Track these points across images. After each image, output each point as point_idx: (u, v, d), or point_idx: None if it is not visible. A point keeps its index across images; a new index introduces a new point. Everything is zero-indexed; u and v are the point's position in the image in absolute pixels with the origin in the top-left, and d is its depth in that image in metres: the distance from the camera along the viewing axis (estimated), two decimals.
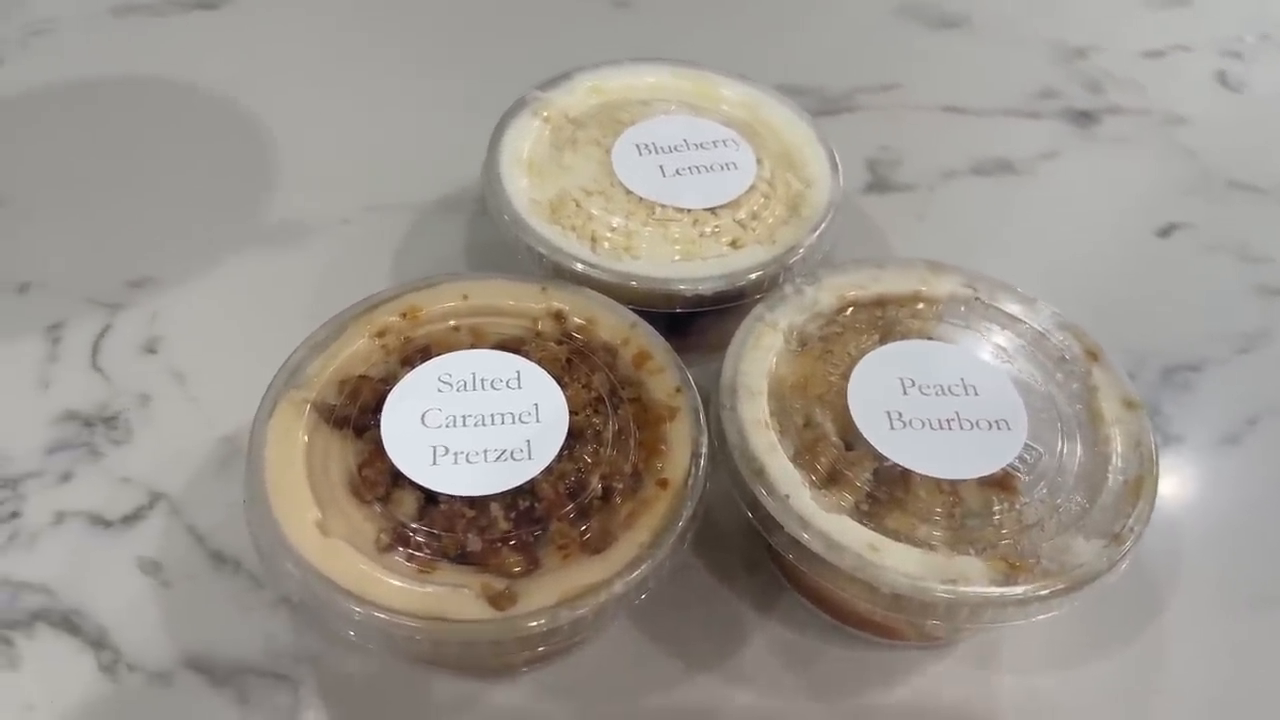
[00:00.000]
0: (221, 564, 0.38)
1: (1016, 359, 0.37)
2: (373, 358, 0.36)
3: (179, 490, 0.39)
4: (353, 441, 0.34)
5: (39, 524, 0.38)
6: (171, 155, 0.53)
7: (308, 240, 0.49)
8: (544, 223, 0.41)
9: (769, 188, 0.43)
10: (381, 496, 0.32)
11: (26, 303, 0.45)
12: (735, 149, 0.44)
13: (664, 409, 0.35)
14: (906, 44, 0.63)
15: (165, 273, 0.47)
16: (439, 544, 0.31)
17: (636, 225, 0.41)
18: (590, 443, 0.34)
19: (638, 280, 0.39)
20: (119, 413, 0.42)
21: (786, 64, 0.60)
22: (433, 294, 0.38)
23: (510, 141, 0.44)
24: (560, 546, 0.31)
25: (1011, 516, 0.33)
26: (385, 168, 0.52)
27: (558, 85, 0.46)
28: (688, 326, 0.42)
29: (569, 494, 0.32)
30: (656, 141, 0.44)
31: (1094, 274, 0.50)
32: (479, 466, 0.32)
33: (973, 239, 0.51)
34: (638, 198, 0.42)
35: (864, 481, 0.33)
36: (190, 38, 0.60)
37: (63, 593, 0.37)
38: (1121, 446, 0.35)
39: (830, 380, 0.36)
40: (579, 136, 0.44)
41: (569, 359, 0.36)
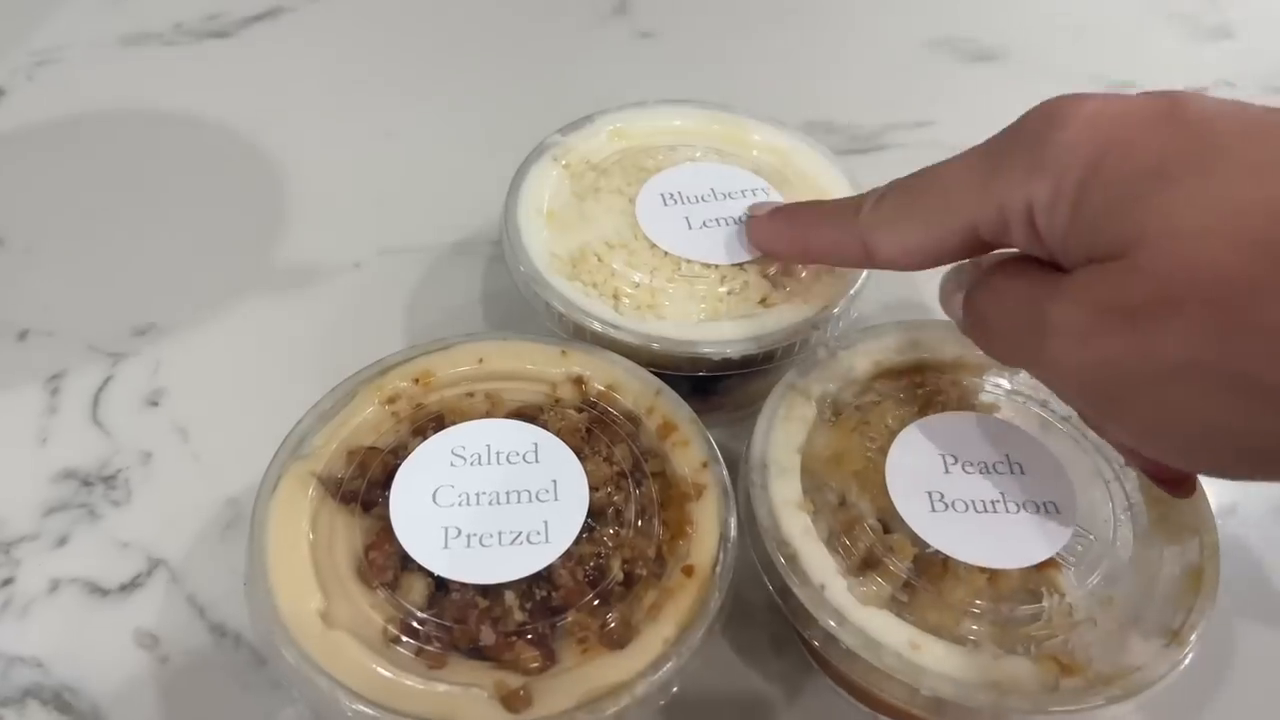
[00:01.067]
0: (222, 637, 0.36)
1: (1064, 432, 0.35)
2: (383, 426, 0.34)
3: (180, 556, 0.38)
4: (360, 518, 0.32)
5: (33, 592, 0.37)
6: (179, 192, 0.51)
7: (318, 285, 0.47)
8: (564, 279, 0.39)
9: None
10: (389, 582, 0.30)
11: (26, 351, 0.44)
12: (764, 197, 0.41)
13: (690, 486, 0.33)
14: (940, 79, 0.61)
15: (170, 319, 0.45)
16: (450, 636, 0.29)
17: (661, 282, 0.39)
18: (611, 523, 0.32)
19: (660, 343, 0.37)
20: (119, 471, 0.40)
21: (817, 99, 0.58)
22: (446, 357, 0.36)
23: (530, 190, 0.42)
24: (579, 640, 0.29)
25: (1061, 610, 0.31)
26: (399, 208, 0.51)
27: (579, 129, 0.44)
28: (714, 388, 0.40)
29: (589, 581, 0.30)
30: (682, 191, 0.41)
31: None
32: (493, 550, 0.30)
33: None
34: (662, 252, 0.39)
35: (903, 569, 0.31)
36: (201, 68, 0.58)
37: (55, 667, 0.35)
38: (1179, 532, 0.33)
39: (867, 455, 0.34)
40: (601, 185, 0.42)
41: (589, 429, 0.34)
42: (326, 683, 0.28)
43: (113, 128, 0.54)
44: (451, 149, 0.54)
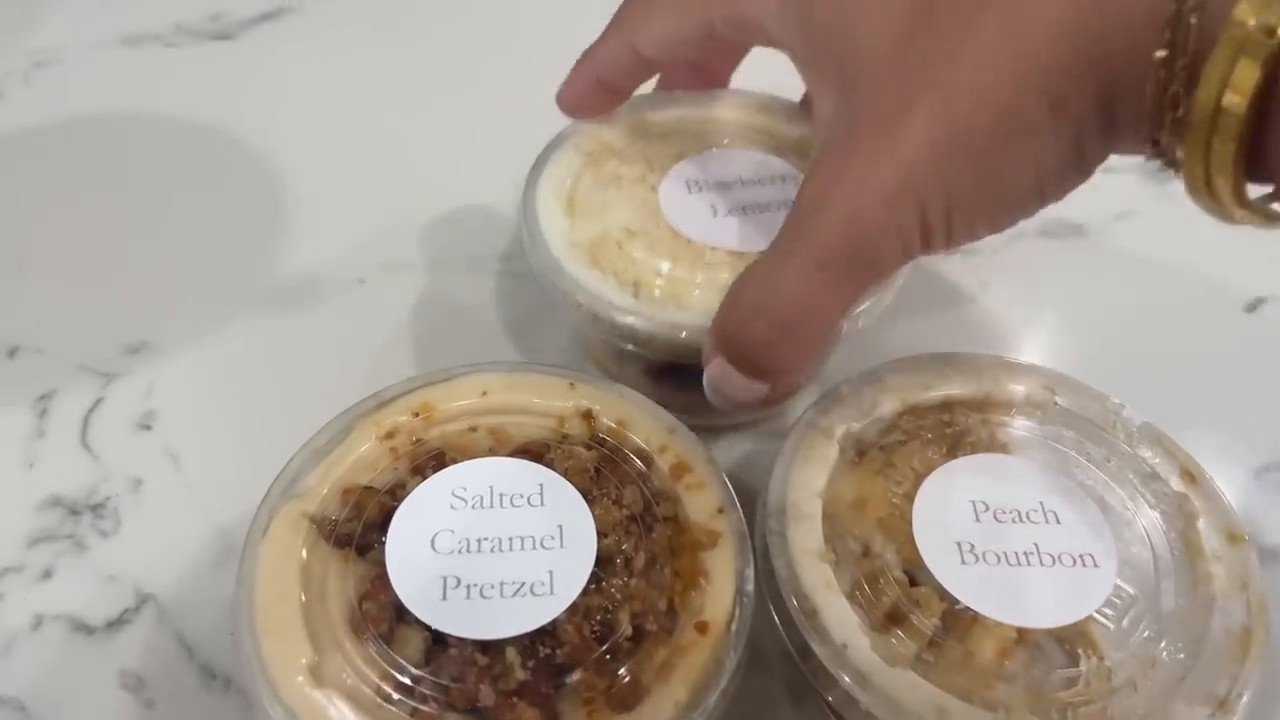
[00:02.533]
0: (211, 680, 0.34)
1: (1101, 478, 0.33)
2: (380, 464, 0.32)
3: (168, 590, 0.36)
4: (354, 564, 0.30)
5: (15, 628, 0.35)
6: (177, 202, 0.50)
7: (319, 302, 0.45)
8: (583, 267, 0.37)
9: None
10: (383, 634, 0.28)
11: (15, 369, 0.42)
12: (795, 185, 0.39)
13: (703, 533, 0.31)
14: None
15: (165, 337, 0.44)
16: (446, 696, 0.27)
17: (683, 270, 0.37)
18: (620, 573, 0.30)
19: (687, 330, 0.35)
20: (108, 499, 0.38)
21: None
22: (448, 389, 0.34)
23: (550, 177, 0.40)
24: (585, 700, 0.28)
25: (1100, 674, 0.29)
26: (405, 221, 0.49)
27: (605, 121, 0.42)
28: None
29: (595, 637, 0.28)
30: (709, 178, 0.39)
31: (1172, 354, 0.46)
32: (494, 603, 0.29)
33: (1038, 310, 0.47)
34: (685, 239, 0.37)
35: (929, 626, 0.29)
36: (203, 71, 0.57)
37: (37, 710, 0.33)
38: (1226, 588, 0.31)
39: (893, 501, 0.32)
40: (623, 172, 0.40)
41: (598, 468, 0.32)
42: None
43: (110, 133, 0.53)
44: (459, 159, 0.52)
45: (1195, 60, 0.24)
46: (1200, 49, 0.24)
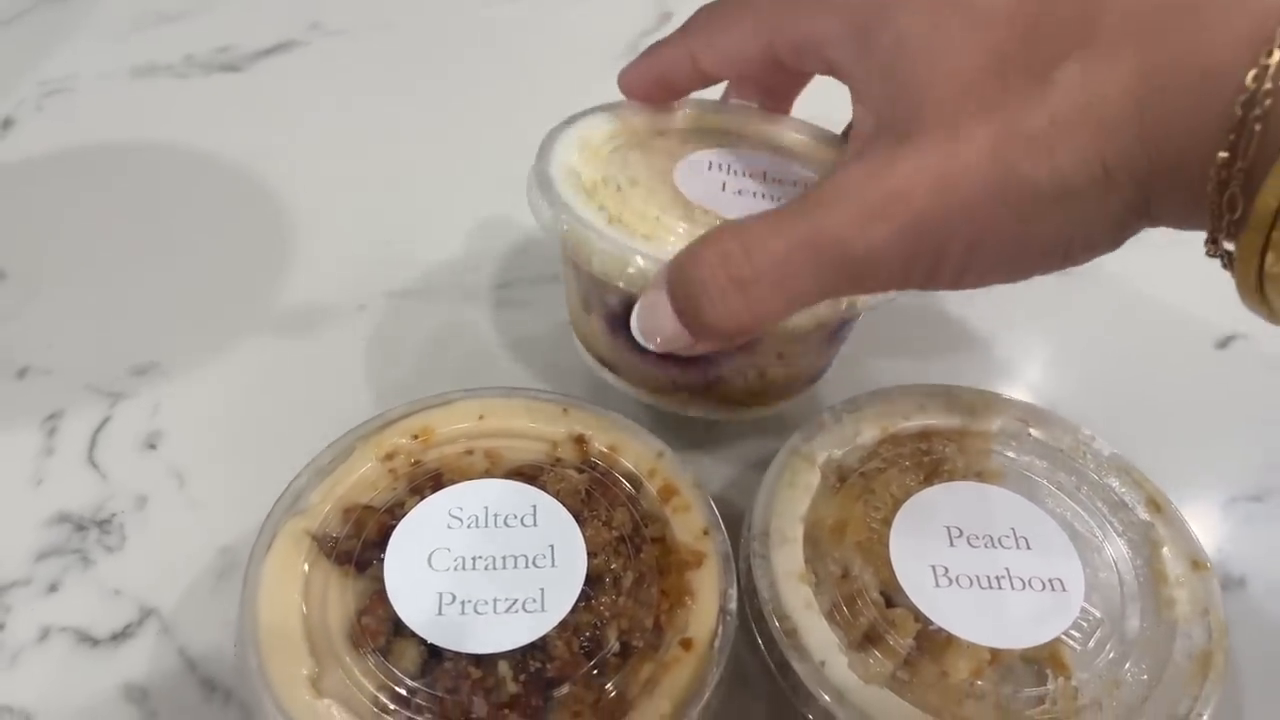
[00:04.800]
0: (212, 693, 0.35)
1: (1071, 506, 0.34)
2: (380, 484, 0.34)
3: (172, 606, 0.37)
4: (354, 580, 0.31)
5: (22, 640, 0.36)
6: (185, 228, 0.51)
7: (323, 328, 0.47)
8: (574, 192, 0.37)
9: None
10: (381, 648, 0.30)
11: (25, 389, 0.43)
12: (811, 179, 0.39)
13: (690, 553, 0.32)
14: None
15: (171, 359, 0.45)
16: (441, 707, 0.29)
17: (670, 219, 0.36)
18: (609, 591, 0.31)
19: (644, 258, 0.34)
20: (113, 515, 0.40)
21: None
22: (446, 413, 0.35)
23: (583, 127, 0.41)
24: (574, 713, 0.29)
25: (1067, 693, 0.30)
26: (406, 250, 0.50)
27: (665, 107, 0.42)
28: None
29: (584, 652, 0.30)
30: (733, 165, 0.40)
31: (1143, 390, 0.47)
32: (487, 618, 0.30)
33: (1017, 343, 0.49)
34: (684, 200, 0.37)
35: (904, 646, 0.31)
36: (211, 102, 0.58)
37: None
38: (1188, 613, 0.32)
39: (872, 526, 0.33)
40: (655, 144, 0.41)
41: (589, 490, 0.34)
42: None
43: (120, 161, 0.54)
44: (460, 190, 0.53)
45: (1254, 165, 0.24)
46: (1261, 156, 0.24)
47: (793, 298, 0.29)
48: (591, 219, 0.36)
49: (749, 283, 0.29)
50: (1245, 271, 0.25)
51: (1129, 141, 0.26)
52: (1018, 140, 0.27)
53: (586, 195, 0.37)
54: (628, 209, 0.37)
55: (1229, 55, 0.25)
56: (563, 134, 0.40)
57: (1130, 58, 0.26)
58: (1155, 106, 0.26)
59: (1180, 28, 0.26)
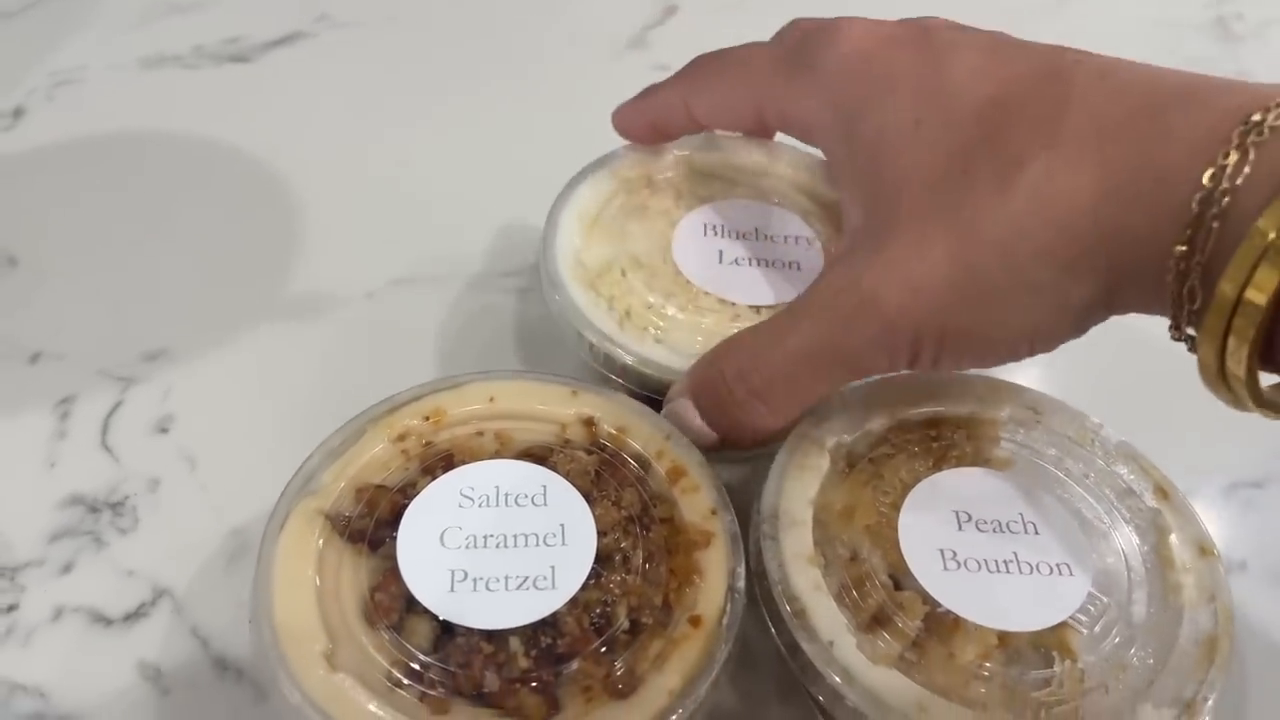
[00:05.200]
0: (224, 672, 0.35)
1: (1079, 493, 0.35)
2: (392, 464, 0.34)
3: (184, 586, 0.37)
4: (367, 558, 0.31)
5: (37, 619, 0.36)
6: (194, 216, 0.52)
7: (331, 314, 0.47)
8: (581, 287, 0.39)
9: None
10: (394, 624, 0.30)
11: (37, 374, 0.44)
12: (807, 248, 0.41)
13: (698, 533, 0.33)
14: None
15: (182, 345, 0.45)
16: (453, 681, 0.29)
17: (673, 308, 0.39)
18: (618, 569, 0.31)
19: (647, 365, 0.37)
20: (126, 497, 0.40)
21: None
22: (457, 395, 0.36)
23: (581, 195, 0.42)
24: (584, 688, 0.29)
25: (1073, 676, 0.30)
26: (413, 240, 0.51)
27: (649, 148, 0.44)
28: None
29: (594, 629, 0.30)
30: (726, 225, 0.42)
31: (1147, 379, 0.47)
32: (499, 595, 0.30)
33: None
34: (685, 280, 0.40)
35: (912, 628, 0.31)
36: (220, 92, 0.58)
37: (57, 697, 0.35)
38: (1194, 598, 0.32)
39: (880, 510, 0.33)
40: (651, 205, 0.42)
41: (598, 471, 0.34)
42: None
43: (130, 150, 0.55)
44: (467, 181, 0.54)
45: (1212, 259, 0.26)
46: (1219, 249, 0.26)
47: (806, 397, 0.34)
48: (604, 324, 0.38)
49: (765, 393, 0.33)
50: (1207, 358, 0.27)
51: (1088, 240, 0.28)
52: (977, 243, 0.29)
53: (594, 292, 0.39)
54: (635, 299, 0.39)
55: (1186, 156, 0.26)
56: (564, 209, 0.42)
57: (1092, 158, 0.28)
58: (1114, 205, 0.27)
59: (1143, 129, 0.27)
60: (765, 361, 0.33)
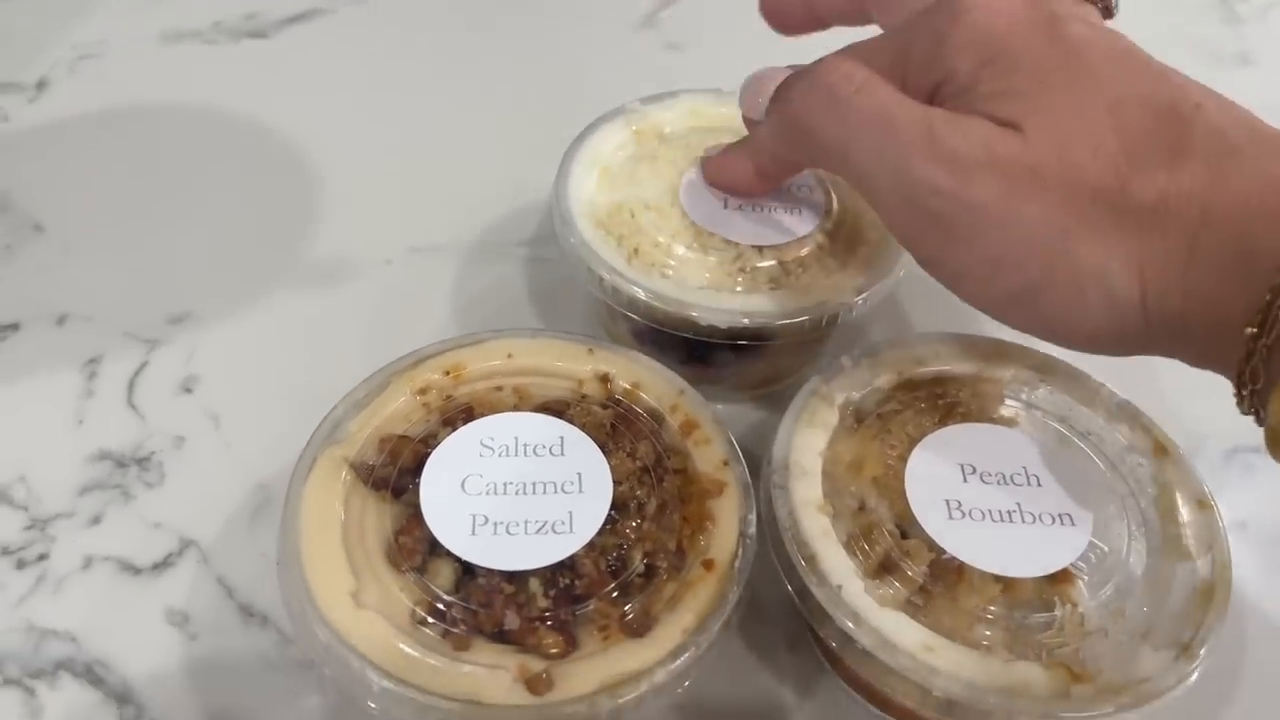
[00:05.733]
0: (249, 618, 0.37)
1: (1082, 448, 0.36)
2: (414, 416, 0.35)
3: (210, 538, 0.39)
4: (390, 504, 0.33)
5: (67, 568, 0.38)
6: (214, 186, 0.53)
7: (349, 281, 0.48)
8: (592, 226, 0.41)
9: (828, 240, 0.41)
10: (418, 566, 0.31)
11: (64, 335, 0.45)
12: (809, 194, 0.42)
13: (710, 482, 0.34)
14: None
15: (204, 308, 0.46)
16: (475, 620, 0.30)
17: (679, 247, 0.40)
18: (633, 516, 0.32)
19: (657, 299, 0.38)
20: (152, 454, 0.41)
21: None
22: (477, 351, 0.37)
23: (594, 143, 0.44)
24: (600, 627, 0.30)
25: (1074, 620, 0.31)
26: (429, 209, 0.52)
27: (660, 101, 0.46)
28: (708, 357, 0.41)
29: (611, 571, 0.31)
30: None
31: None
32: (519, 539, 0.31)
33: None
34: (691, 222, 0.41)
35: (918, 574, 0.32)
36: (239, 67, 0.59)
37: (88, 642, 0.36)
38: (1193, 548, 0.33)
39: (887, 462, 0.34)
40: (660, 154, 0.44)
41: (613, 425, 0.35)
42: (356, 660, 0.29)
43: (151, 122, 0.56)
44: (481, 153, 0.55)
45: (1277, 343, 0.27)
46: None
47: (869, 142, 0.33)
48: (614, 259, 0.40)
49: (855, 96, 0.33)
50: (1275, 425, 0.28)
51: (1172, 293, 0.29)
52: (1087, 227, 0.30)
53: (604, 230, 0.41)
54: (643, 238, 0.41)
55: (1268, 241, 0.27)
56: (577, 153, 0.44)
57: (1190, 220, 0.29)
58: (1198, 269, 0.29)
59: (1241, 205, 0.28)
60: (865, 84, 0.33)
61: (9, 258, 0.48)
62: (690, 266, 0.40)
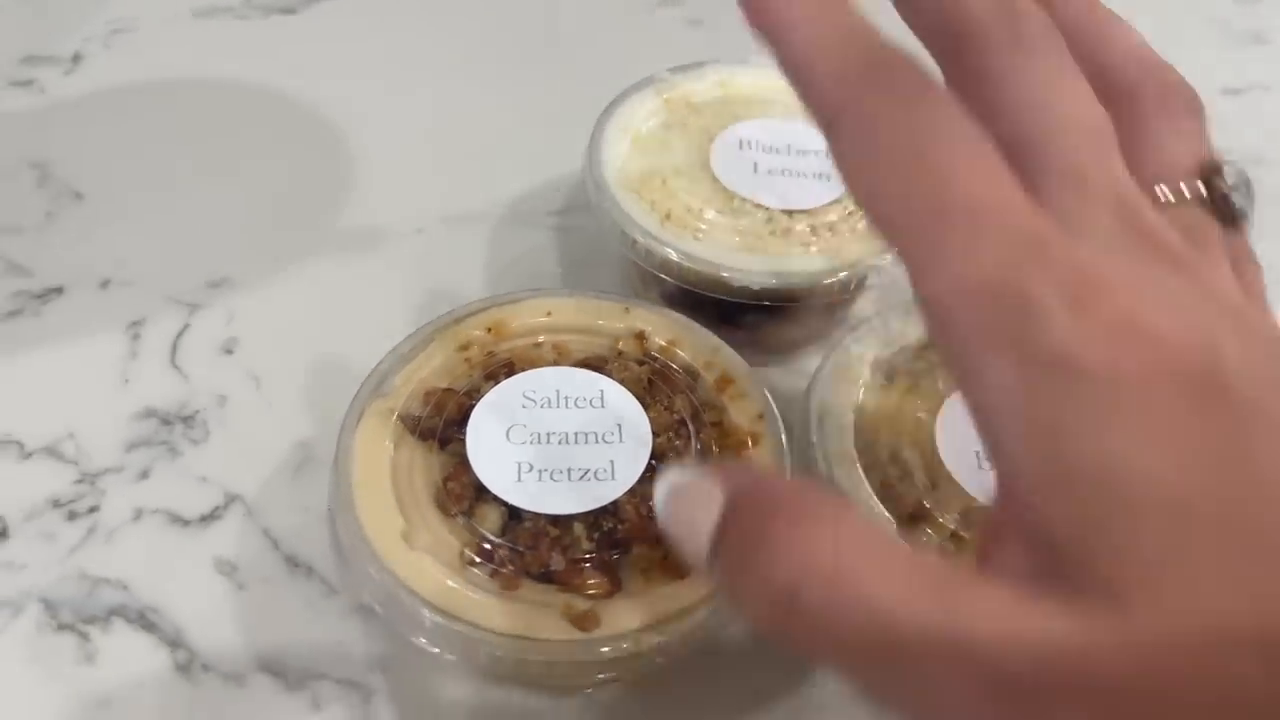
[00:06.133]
0: (295, 569, 0.38)
1: None
2: (457, 371, 0.36)
3: (254, 492, 0.40)
4: (437, 454, 0.34)
5: (118, 520, 0.39)
6: (248, 156, 0.54)
7: (383, 249, 0.49)
8: (624, 191, 0.42)
9: (855, 205, 0.42)
10: (466, 510, 0.32)
11: (107, 299, 0.46)
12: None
13: (746, 434, 0.35)
14: None
15: (242, 274, 0.47)
16: (522, 561, 0.31)
17: (711, 211, 0.42)
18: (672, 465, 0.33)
19: (690, 260, 0.40)
20: (197, 412, 0.42)
21: None
22: (516, 310, 0.38)
23: (625, 111, 0.46)
24: (642, 570, 0.31)
25: None
26: (462, 179, 0.53)
27: (689, 71, 0.48)
28: (738, 319, 0.42)
29: (652, 517, 0.32)
30: (760, 140, 0.44)
31: None
32: (562, 485, 0.32)
33: None
34: (722, 187, 0.43)
35: (950, 521, 0.33)
36: (270, 42, 0.60)
37: (139, 589, 0.37)
38: None
39: (918, 416, 0.35)
40: (690, 122, 0.45)
41: (650, 380, 0.36)
42: (409, 598, 0.30)
43: (185, 94, 0.57)
44: (508, 126, 0.56)
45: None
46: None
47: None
48: (647, 223, 0.41)
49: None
50: None
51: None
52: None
53: (637, 195, 0.42)
54: (675, 203, 0.42)
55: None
56: (608, 122, 0.45)
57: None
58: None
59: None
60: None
61: (51, 224, 0.49)
62: (721, 230, 0.41)
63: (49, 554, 0.37)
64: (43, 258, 0.47)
